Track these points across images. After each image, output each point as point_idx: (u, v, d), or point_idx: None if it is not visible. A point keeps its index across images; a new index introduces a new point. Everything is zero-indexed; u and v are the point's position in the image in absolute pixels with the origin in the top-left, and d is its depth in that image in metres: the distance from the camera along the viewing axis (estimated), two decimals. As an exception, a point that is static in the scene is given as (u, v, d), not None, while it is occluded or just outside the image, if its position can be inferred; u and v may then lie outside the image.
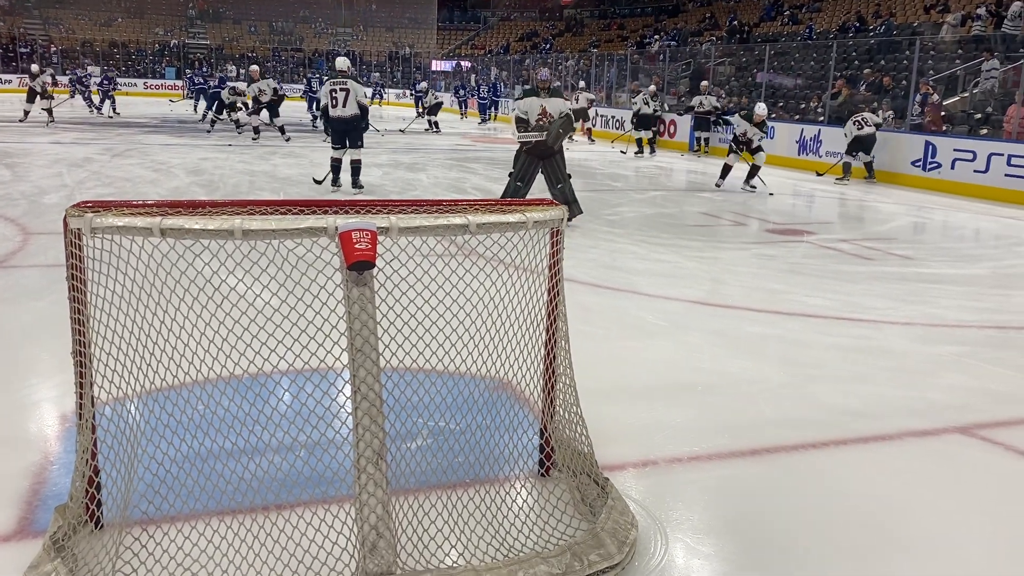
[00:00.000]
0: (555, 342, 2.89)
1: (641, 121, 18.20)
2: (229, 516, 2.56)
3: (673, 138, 19.85)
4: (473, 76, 36.33)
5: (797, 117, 17.91)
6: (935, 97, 14.26)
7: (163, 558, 2.35)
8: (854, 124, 13.75)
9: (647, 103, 18.18)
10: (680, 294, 5.94)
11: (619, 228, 8.79)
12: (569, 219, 7.25)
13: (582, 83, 24.65)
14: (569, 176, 8.46)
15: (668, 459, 3.30)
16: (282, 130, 17.60)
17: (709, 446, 3.43)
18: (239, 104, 18.29)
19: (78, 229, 2.31)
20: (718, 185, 12.83)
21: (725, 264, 7.16)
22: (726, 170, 12.84)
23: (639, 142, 18.27)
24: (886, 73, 16.63)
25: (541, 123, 8.19)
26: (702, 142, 18.65)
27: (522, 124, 8.36)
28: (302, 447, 2.86)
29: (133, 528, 2.44)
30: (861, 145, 13.81)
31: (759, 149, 12.58)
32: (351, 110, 10.29)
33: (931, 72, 15.54)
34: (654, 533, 2.72)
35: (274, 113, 17.45)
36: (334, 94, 10.26)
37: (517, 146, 8.57)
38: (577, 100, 20.53)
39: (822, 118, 16.73)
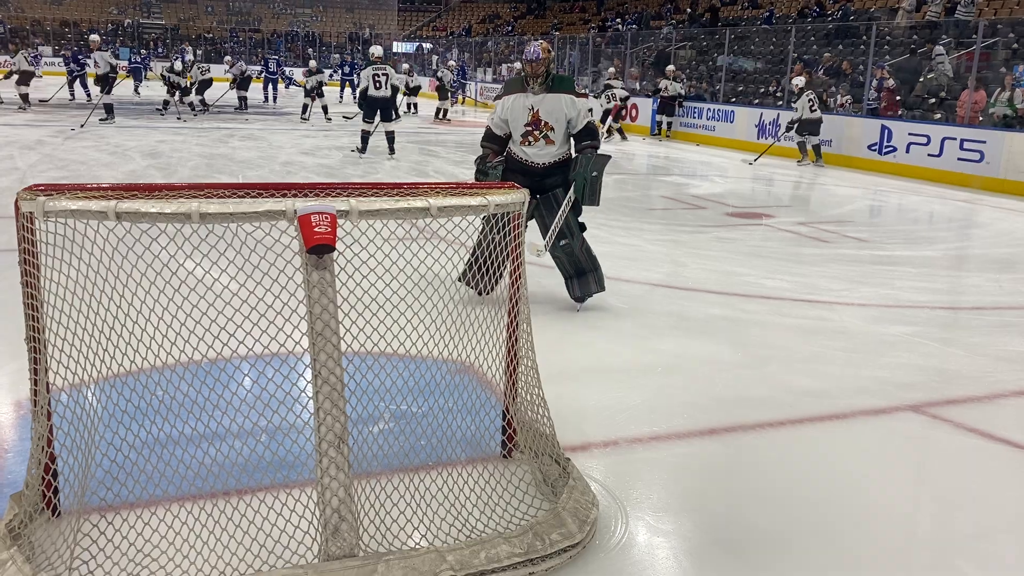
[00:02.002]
0: (517, 325, 2.91)
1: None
2: (190, 502, 2.54)
3: (635, 121, 19.92)
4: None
5: (756, 101, 18.07)
6: (891, 82, 14.47)
7: (123, 544, 2.33)
8: (808, 102, 13.78)
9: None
10: (641, 276, 5.99)
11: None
12: (581, 297, 5.10)
13: (611, 69, 20.02)
14: (583, 227, 5.09)
15: (629, 439, 3.34)
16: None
17: (669, 426, 3.48)
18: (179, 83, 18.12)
19: (30, 213, 2.26)
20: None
21: (685, 247, 7.23)
22: None
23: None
24: (844, 58, 16.82)
25: (532, 140, 4.83)
26: (664, 126, 18.71)
27: (492, 143, 4.98)
28: (263, 432, 2.85)
29: (91, 515, 2.41)
30: (809, 127, 14.00)
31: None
32: (387, 91, 12.33)
33: (887, 57, 15.76)
34: (615, 512, 2.76)
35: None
36: (376, 78, 12.25)
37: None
38: (609, 98, 17.38)
39: (780, 102, 16.90)
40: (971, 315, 5.56)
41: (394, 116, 12.80)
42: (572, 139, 4.94)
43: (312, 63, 20.20)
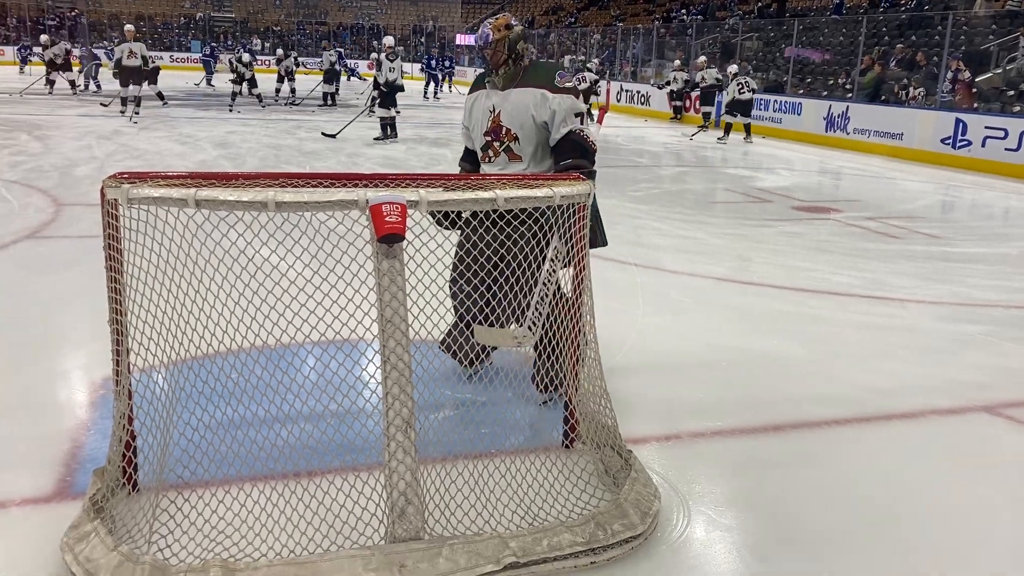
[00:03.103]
0: (580, 316, 2.92)
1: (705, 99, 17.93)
2: (261, 482, 2.62)
3: (698, 113, 19.67)
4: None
5: (825, 94, 17.68)
6: (966, 74, 14.02)
7: (198, 521, 2.42)
8: (737, 87, 15.50)
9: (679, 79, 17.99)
10: (704, 271, 5.93)
11: (644, 204, 8.77)
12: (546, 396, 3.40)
13: (593, 62, 21.51)
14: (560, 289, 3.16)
15: (691, 433, 3.33)
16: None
17: (732, 421, 3.45)
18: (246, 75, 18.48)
19: (115, 199, 2.35)
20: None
21: (750, 241, 7.13)
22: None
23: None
24: (918, 49, 16.34)
25: (492, 156, 3.44)
26: (703, 116, 18.53)
27: (467, 161, 3.77)
28: (332, 415, 2.92)
29: (169, 492, 2.51)
30: (741, 107, 15.64)
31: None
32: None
33: (963, 49, 15.26)
34: (676, 505, 2.76)
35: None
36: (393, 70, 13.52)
37: None
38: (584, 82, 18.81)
39: (850, 94, 16.51)
40: (1049, 315, 5.37)
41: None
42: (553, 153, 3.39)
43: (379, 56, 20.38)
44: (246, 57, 19.52)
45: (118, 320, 2.46)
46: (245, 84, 19.21)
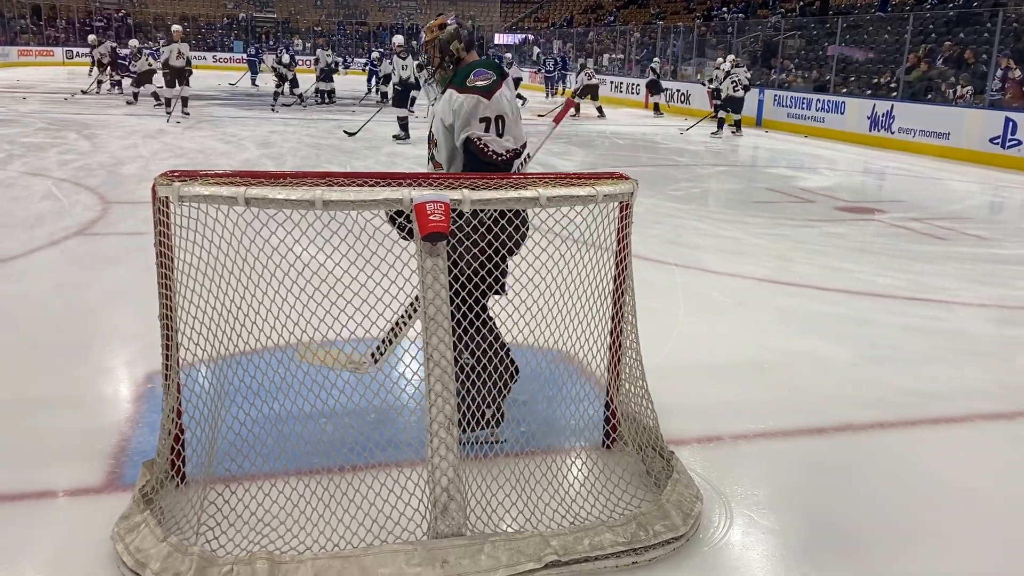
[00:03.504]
0: (622, 316, 2.91)
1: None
2: (307, 476, 2.66)
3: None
4: (536, 49, 36.12)
5: (869, 92, 17.40)
6: (1016, 72, 13.70)
7: (244, 513, 2.47)
8: (732, 83, 15.94)
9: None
10: (746, 271, 5.88)
11: (684, 204, 8.72)
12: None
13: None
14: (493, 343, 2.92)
15: (733, 435, 3.31)
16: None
17: (775, 424, 3.42)
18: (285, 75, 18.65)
19: (166, 197, 2.41)
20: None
21: (792, 241, 7.05)
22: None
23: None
24: (966, 46, 16.01)
25: (432, 161, 3.13)
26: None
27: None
28: (376, 411, 2.95)
29: (217, 484, 2.55)
30: (733, 103, 16.11)
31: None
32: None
33: (1014, 45, 14.91)
34: (718, 507, 2.74)
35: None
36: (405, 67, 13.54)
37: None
38: (588, 77, 20.20)
39: (895, 93, 16.24)
40: (1103, 319, 5.24)
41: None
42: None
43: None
44: (286, 58, 19.72)
45: (168, 315, 2.51)
46: (287, 84, 19.43)
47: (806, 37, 21.64)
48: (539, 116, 19.94)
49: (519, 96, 22.41)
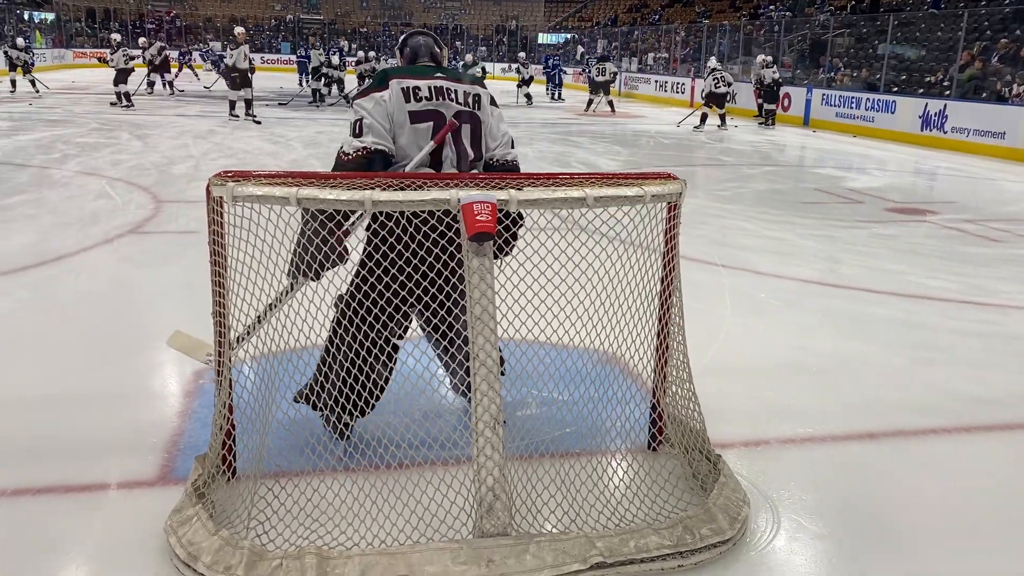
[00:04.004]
0: (669, 317, 2.89)
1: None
2: (354, 473, 2.69)
3: (787, 111, 19.24)
4: (580, 49, 36.01)
5: (921, 91, 17.05)
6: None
7: (294, 508, 2.50)
8: (713, 81, 16.64)
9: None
10: (794, 272, 5.80)
11: (730, 204, 8.63)
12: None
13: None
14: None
15: (780, 439, 3.27)
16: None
17: (823, 428, 3.37)
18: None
19: (220, 197, 2.45)
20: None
21: (841, 243, 6.94)
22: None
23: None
24: (1022, 44, 15.59)
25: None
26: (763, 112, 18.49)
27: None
28: (422, 410, 2.97)
29: (267, 480, 2.59)
30: (716, 99, 16.78)
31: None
32: None
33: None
34: (765, 511, 2.71)
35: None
36: None
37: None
38: (604, 73, 20.47)
39: (948, 92, 15.89)
40: None
41: None
42: None
43: (469, 56, 20.45)
44: (336, 59, 19.91)
45: (221, 313, 2.56)
46: (335, 86, 19.62)
47: (855, 35, 21.26)
48: (580, 115, 19.90)
49: (527, 96, 22.28)
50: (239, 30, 16.55)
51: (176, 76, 22.85)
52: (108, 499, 2.68)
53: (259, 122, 14.88)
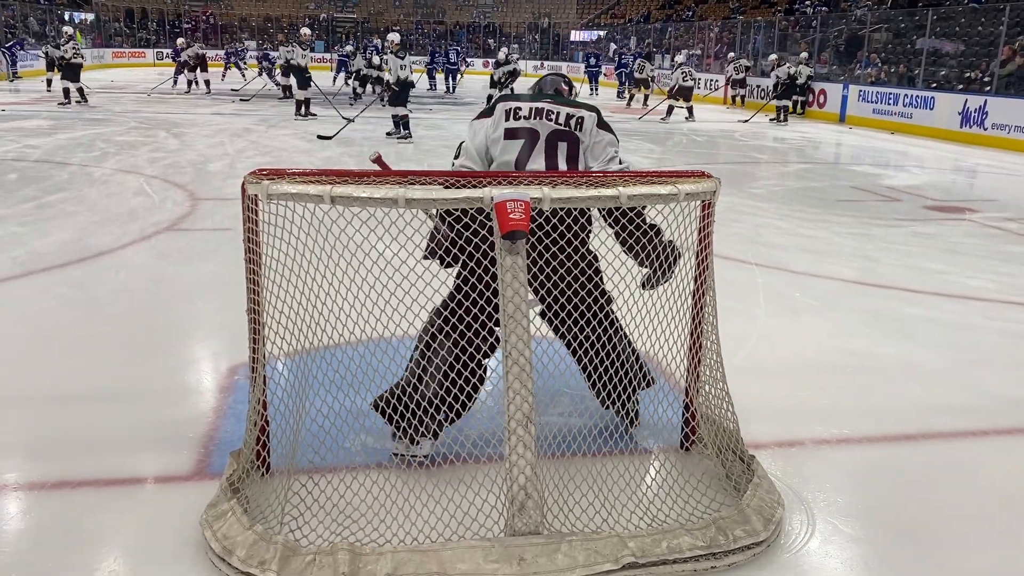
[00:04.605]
0: (703, 316, 2.87)
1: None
2: (386, 470, 2.70)
3: (823, 108, 19.01)
4: (613, 46, 35.83)
5: (960, 87, 16.74)
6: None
7: (327, 504, 2.52)
8: (681, 75, 17.93)
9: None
10: (830, 272, 5.73)
11: (764, 202, 8.54)
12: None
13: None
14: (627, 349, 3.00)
15: (815, 440, 3.23)
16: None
17: (859, 429, 3.32)
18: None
19: (255, 195, 2.47)
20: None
21: (878, 242, 6.83)
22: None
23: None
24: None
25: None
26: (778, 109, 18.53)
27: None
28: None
29: (300, 476, 2.61)
30: (683, 92, 17.99)
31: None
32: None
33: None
34: (799, 513, 2.68)
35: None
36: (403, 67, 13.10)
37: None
38: (642, 70, 21.39)
39: (988, 88, 15.58)
40: None
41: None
42: None
43: (501, 54, 20.39)
44: (376, 59, 19.97)
45: (255, 310, 2.58)
46: (369, 84, 19.69)
47: (893, 30, 20.93)
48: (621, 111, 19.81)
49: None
50: (305, 31, 17.01)
51: (223, 76, 23.13)
52: (145, 493, 2.72)
53: (315, 114, 15.61)
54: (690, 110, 18.21)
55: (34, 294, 4.83)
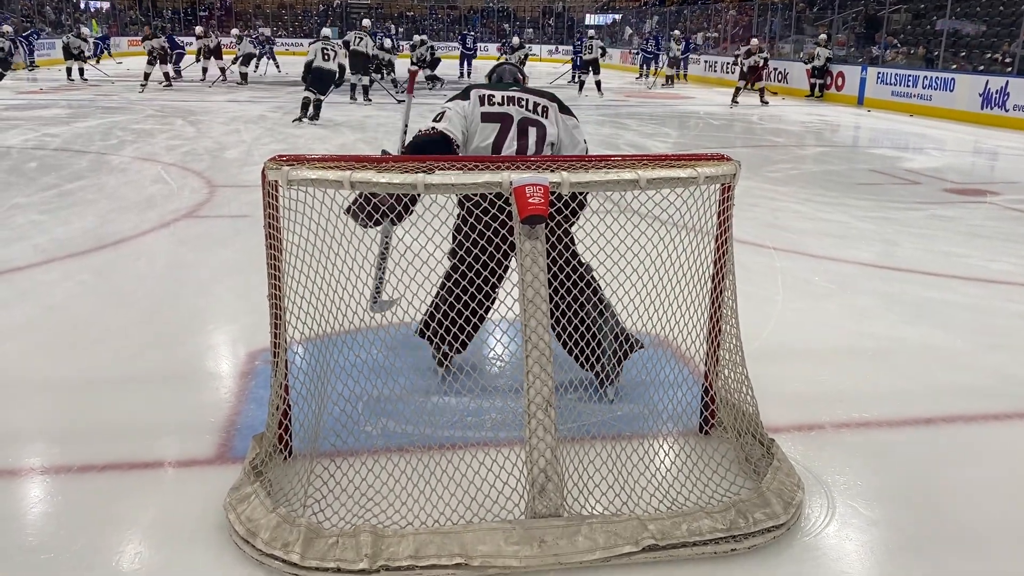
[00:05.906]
0: (722, 300, 2.86)
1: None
2: (408, 453, 2.72)
3: (841, 91, 18.84)
4: (628, 30, 35.55)
5: (981, 68, 16.53)
6: None
7: (348, 487, 2.54)
8: (588, 49, 18.99)
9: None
10: (849, 255, 5.69)
11: (782, 186, 8.49)
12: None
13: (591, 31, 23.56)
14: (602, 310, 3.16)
15: (835, 424, 3.22)
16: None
17: (880, 413, 3.31)
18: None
19: (275, 181, 2.48)
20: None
21: (898, 225, 6.78)
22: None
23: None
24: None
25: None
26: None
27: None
28: (474, 391, 2.99)
29: (322, 459, 2.64)
30: (592, 64, 18.80)
31: None
32: (334, 65, 13.21)
33: None
34: (819, 496, 2.68)
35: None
36: (325, 52, 13.04)
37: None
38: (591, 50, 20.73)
39: (1010, 69, 15.37)
40: None
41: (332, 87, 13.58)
42: None
43: (515, 39, 20.32)
44: (388, 43, 19.96)
45: (276, 295, 2.59)
46: (384, 70, 19.67)
47: (912, 11, 20.68)
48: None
49: (580, 82, 22.06)
50: (366, 22, 17.86)
51: (256, 68, 23.31)
52: (169, 476, 2.75)
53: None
54: (598, 84, 19.01)
55: (57, 281, 4.88)
